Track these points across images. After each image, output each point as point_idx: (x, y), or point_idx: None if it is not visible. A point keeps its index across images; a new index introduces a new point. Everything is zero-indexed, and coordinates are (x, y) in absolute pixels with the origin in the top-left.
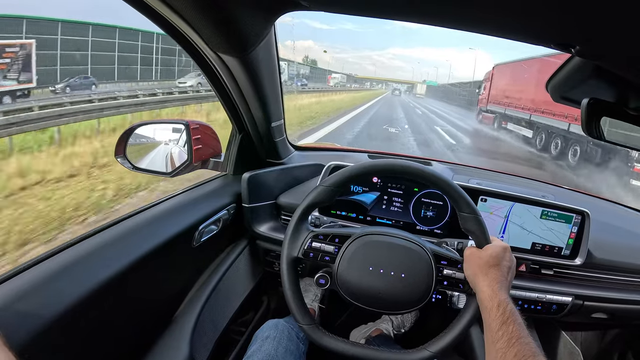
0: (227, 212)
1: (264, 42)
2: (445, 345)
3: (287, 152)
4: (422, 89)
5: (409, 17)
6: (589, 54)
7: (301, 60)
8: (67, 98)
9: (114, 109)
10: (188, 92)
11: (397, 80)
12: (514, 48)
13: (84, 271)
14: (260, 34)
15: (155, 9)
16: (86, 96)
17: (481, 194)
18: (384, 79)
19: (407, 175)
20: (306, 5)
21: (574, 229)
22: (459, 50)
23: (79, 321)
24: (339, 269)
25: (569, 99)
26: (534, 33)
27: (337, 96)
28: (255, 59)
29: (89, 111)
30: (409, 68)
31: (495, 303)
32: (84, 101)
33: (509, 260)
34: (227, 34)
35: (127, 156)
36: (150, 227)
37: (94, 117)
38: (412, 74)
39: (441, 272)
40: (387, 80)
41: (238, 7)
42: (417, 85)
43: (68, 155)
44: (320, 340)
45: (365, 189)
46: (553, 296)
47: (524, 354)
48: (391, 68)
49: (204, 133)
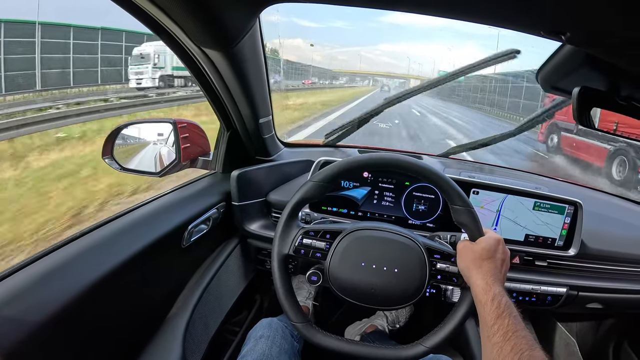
0: (217, 210)
1: (248, 35)
2: (440, 340)
3: (277, 149)
4: (415, 85)
5: (395, 6)
6: (580, 41)
7: (281, 56)
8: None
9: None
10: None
11: (386, 74)
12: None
13: (72, 273)
14: (244, 27)
15: (136, 2)
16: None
17: (473, 187)
18: (370, 73)
19: (398, 168)
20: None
21: (567, 219)
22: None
23: (69, 324)
24: (330, 265)
25: (559, 89)
26: (524, 21)
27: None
28: (240, 53)
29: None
30: (398, 64)
31: (489, 297)
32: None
33: (503, 253)
34: (210, 27)
35: (115, 157)
36: (139, 228)
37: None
38: (408, 68)
39: (434, 266)
40: (375, 75)
41: (220, 0)
42: (410, 81)
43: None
44: (313, 338)
45: (356, 185)
46: (547, 287)
47: (520, 347)
48: (381, 64)
49: (191, 131)
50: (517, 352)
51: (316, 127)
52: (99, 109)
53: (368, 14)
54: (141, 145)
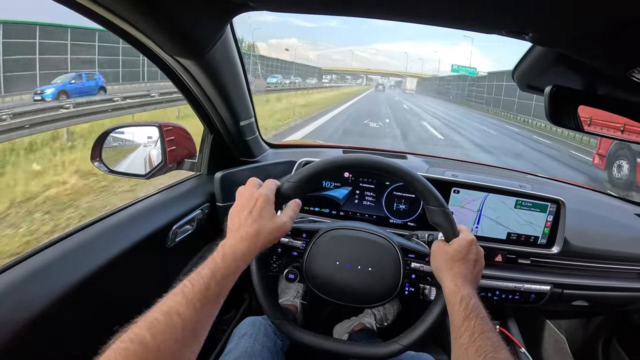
0: (202, 211)
1: (220, 42)
2: (416, 338)
3: (261, 150)
4: (412, 83)
5: (355, 12)
6: (544, 41)
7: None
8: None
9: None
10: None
11: (381, 72)
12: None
13: (56, 275)
14: (214, 35)
15: (106, 17)
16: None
17: (454, 186)
18: (363, 70)
19: (373, 169)
20: (253, 6)
21: (550, 217)
22: (444, 44)
23: (51, 327)
24: (307, 263)
25: (534, 88)
26: (486, 21)
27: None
28: (212, 60)
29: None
30: (394, 63)
31: (458, 298)
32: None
33: (476, 254)
34: (179, 38)
35: (103, 160)
36: (123, 229)
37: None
38: (406, 67)
39: (409, 265)
40: (368, 73)
41: (185, 12)
42: (407, 79)
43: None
44: (291, 335)
45: (337, 185)
46: (531, 285)
47: (485, 349)
48: (376, 63)
49: (177, 134)
50: (481, 354)
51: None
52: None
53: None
54: (129, 149)
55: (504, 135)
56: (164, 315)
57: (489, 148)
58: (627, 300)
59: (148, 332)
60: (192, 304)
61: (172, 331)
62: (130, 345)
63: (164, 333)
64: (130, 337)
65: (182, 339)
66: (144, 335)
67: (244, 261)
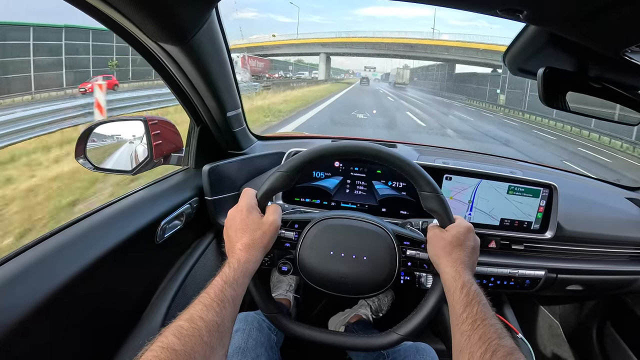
0: (190, 206)
1: (205, 27)
2: (414, 328)
3: (249, 142)
4: (405, 75)
5: None
6: (538, 19)
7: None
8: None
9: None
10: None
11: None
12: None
13: (43, 274)
14: (199, 19)
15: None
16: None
17: (446, 172)
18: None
19: (364, 156)
20: None
21: (542, 202)
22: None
23: (40, 326)
24: (300, 255)
25: (526, 71)
26: (478, 0)
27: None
28: (197, 46)
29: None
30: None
31: (459, 284)
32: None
33: (473, 241)
34: (163, 21)
35: (88, 157)
36: (109, 226)
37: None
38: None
39: (404, 253)
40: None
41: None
42: (396, 70)
43: None
44: (286, 329)
45: (328, 174)
46: (525, 271)
47: (489, 336)
48: (360, 60)
49: (163, 128)
50: (485, 341)
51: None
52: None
53: (343, 7)
54: (114, 145)
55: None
56: (187, 322)
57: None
58: (620, 283)
59: (176, 339)
60: (211, 307)
61: (198, 334)
62: (161, 354)
63: (191, 336)
64: (160, 346)
65: (208, 341)
66: (173, 342)
67: (250, 266)
